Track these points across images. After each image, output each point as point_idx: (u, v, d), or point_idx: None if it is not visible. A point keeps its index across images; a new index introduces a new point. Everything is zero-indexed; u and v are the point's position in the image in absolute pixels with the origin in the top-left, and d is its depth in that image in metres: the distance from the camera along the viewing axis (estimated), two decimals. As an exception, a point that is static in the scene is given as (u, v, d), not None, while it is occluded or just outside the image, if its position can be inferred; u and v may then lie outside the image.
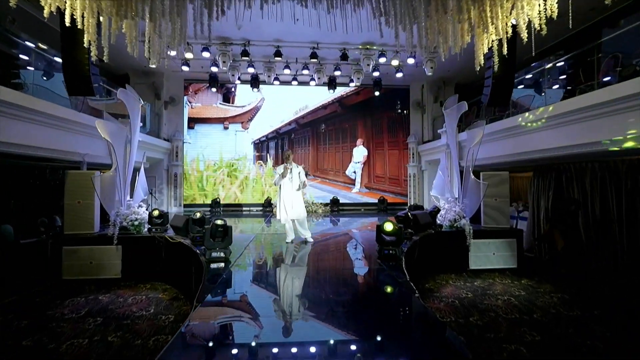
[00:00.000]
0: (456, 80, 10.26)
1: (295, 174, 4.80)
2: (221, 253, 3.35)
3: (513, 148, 5.90)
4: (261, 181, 10.50)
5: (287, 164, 4.81)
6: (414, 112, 10.85)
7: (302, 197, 4.96)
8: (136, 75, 9.32)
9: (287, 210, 4.76)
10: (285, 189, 4.80)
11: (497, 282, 4.83)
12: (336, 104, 10.84)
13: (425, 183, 10.47)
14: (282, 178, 4.76)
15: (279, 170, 4.84)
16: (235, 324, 2.24)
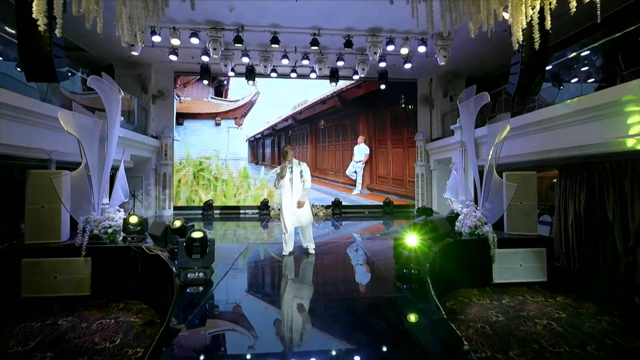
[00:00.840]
0: (467, 73, 9.68)
1: (296, 174, 4.17)
2: (200, 273, 2.73)
3: (542, 144, 5.30)
4: (249, 181, 9.88)
5: (286, 162, 4.20)
6: (421, 107, 10.25)
7: (307, 200, 4.34)
8: (121, 67, 8.71)
9: (289, 216, 4.14)
10: (286, 192, 4.18)
11: (529, 299, 4.23)
12: (335, 99, 10.22)
13: (434, 184, 9.88)
14: (280, 179, 4.15)
15: (276, 170, 4.32)
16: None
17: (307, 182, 4.17)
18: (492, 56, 8.20)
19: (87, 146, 4.48)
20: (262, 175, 9.86)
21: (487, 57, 8.25)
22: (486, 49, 7.77)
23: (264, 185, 9.78)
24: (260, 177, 9.93)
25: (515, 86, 4.51)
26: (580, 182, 5.66)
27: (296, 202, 4.10)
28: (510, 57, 4.91)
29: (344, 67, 8.48)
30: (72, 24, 4.42)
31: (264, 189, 9.76)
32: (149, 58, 8.31)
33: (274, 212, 9.37)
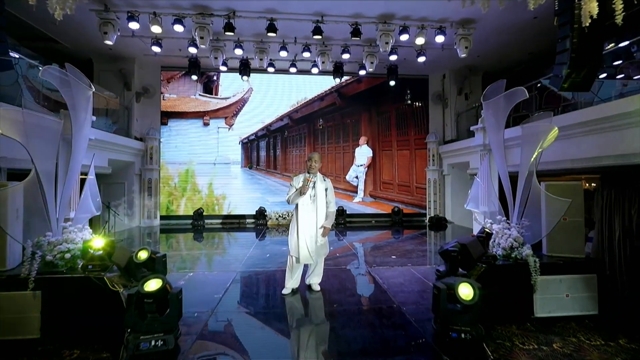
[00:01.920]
0: (484, 68, 8.94)
1: (320, 191, 3.30)
2: (159, 342, 1.96)
3: (592, 149, 4.53)
4: (244, 187, 9.12)
5: (310, 174, 3.31)
6: (433, 106, 9.52)
7: None
8: (101, 61, 7.97)
9: (305, 245, 3.20)
10: (305, 212, 3.27)
11: (585, 342, 3.47)
12: (335, 94, 9.47)
13: (447, 190, 9.14)
14: (300, 196, 3.25)
15: (295, 182, 3.33)
16: None
17: (332, 204, 3.32)
18: (514, 48, 7.49)
19: (41, 151, 3.72)
20: (257, 180, 9.12)
21: (508, 49, 7.54)
22: (509, 40, 7.05)
23: (259, 192, 9.03)
24: (254, 180, 9.18)
25: (563, 78, 3.77)
26: (630, 193, 4.92)
27: (320, 228, 3.23)
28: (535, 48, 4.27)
29: (350, 60, 7.75)
30: (40, 10, 3.70)
31: (258, 195, 9.01)
32: (130, 50, 7.57)
33: (271, 221, 8.62)
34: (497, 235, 4.43)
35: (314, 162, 3.24)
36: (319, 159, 3.27)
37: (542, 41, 7.07)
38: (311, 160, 3.27)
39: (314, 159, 3.25)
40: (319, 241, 3.20)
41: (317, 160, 3.24)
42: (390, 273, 3.91)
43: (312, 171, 3.25)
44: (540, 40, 6.98)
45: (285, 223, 8.64)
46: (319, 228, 3.21)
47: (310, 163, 3.28)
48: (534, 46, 7.33)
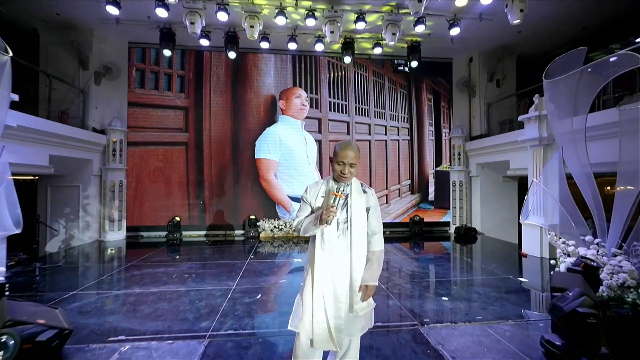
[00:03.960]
0: (521, 50, 7.65)
1: (357, 214, 1.67)
2: None
3: None
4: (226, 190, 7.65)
5: (340, 183, 1.67)
6: (458, 95, 8.20)
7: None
8: (50, 32, 6.44)
9: (331, 318, 1.58)
10: (328, 255, 1.64)
11: None
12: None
13: (475, 195, 7.81)
14: (322, 223, 1.58)
15: (310, 195, 1.72)
16: None
17: (378, 239, 1.72)
18: (567, 21, 6.20)
19: None
20: (250, 184, 7.65)
21: (559, 23, 6.24)
22: (562, 9, 5.75)
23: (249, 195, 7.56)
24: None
25: None
26: None
27: (356, 285, 1.64)
28: (593, 20, 2.93)
29: (365, 30, 6.38)
30: None
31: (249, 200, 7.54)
32: (84, 17, 6.07)
33: (264, 233, 7.18)
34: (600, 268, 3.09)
35: (348, 162, 1.60)
36: (357, 156, 1.63)
37: (605, 9, 5.79)
38: (343, 158, 1.60)
39: (349, 155, 1.59)
40: (357, 309, 1.61)
41: (353, 158, 1.60)
42: (459, 339, 2.34)
43: (344, 178, 1.63)
44: (604, 7, 5.70)
45: (282, 235, 7.21)
46: (354, 285, 1.62)
47: (341, 164, 1.61)
48: (593, 17, 6.05)
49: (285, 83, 7.66)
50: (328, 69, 7.85)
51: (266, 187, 7.51)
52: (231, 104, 7.50)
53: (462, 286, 3.72)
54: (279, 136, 7.56)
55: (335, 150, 1.65)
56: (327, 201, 1.59)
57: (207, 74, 7.42)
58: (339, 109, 7.91)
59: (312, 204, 1.69)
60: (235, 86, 7.51)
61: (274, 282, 3.97)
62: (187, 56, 7.40)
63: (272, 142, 7.55)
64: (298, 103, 7.64)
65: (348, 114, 7.94)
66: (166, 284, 3.86)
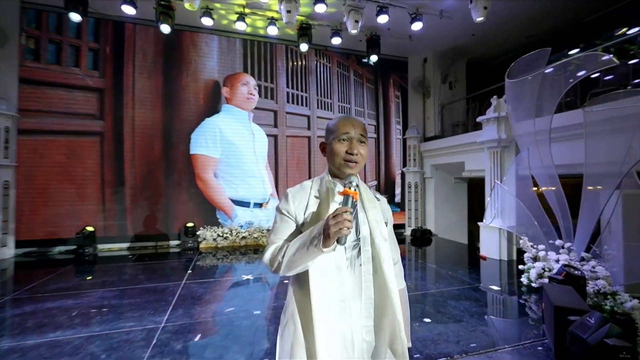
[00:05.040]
0: (472, 54, 7.92)
1: (378, 230, 1.04)
2: None
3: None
4: (179, 195, 6.49)
5: (347, 181, 0.97)
6: (413, 95, 8.18)
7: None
8: None
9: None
10: (342, 297, 0.99)
11: None
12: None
13: (429, 197, 7.85)
14: (328, 245, 0.89)
15: (294, 206, 1.06)
16: None
17: (399, 271, 1.17)
18: (519, 26, 6.47)
19: None
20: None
21: (511, 28, 6.49)
22: (517, 13, 5.96)
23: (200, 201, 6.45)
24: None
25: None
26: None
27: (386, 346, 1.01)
28: (540, 28, 2.97)
29: (325, 16, 5.86)
30: None
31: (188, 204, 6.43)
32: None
33: (205, 243, 6.17)
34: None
35: (357, 136, 1.04)
36: (366, 132, 1.08)
37: (552, 18, 6.16)
38: (347, 129, 1.04)
39: (356, 125, 1.05)
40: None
41: (362, 130, 1.06)
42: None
43: (353, 166, 1.04)
44: (556, 14, 6.05)
45: (227, 245, 6.28)
46: (380, 350, 1.00)
47: (346, 141, 1.04)
48: (540, 25, 6.41)
49: (232, 67, 6.71)
50: (286, 56, 7.12)
51: (203, 188, 6.44)
52: (162, 88, 6.29)
53: (438, 301, 3.38)
54: (219, 129, 6.54)
55: (330, 127, 1.08)
56: (324, 207, 1.02)
57: (130, 49, 6.09)
58: (299, 102, 7.23)
59: (298, 219, 1.04)
60: (168, 67, 6.32)
61: (219, 312, 3.15)
62: (102, 26, 5.99)
63: (212, 135, 6.49)
64: (244, 91, 6.75)
65: (309, 107, 7.31)
66: (60, 327, 2.77)
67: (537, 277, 3.46)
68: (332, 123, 1.09)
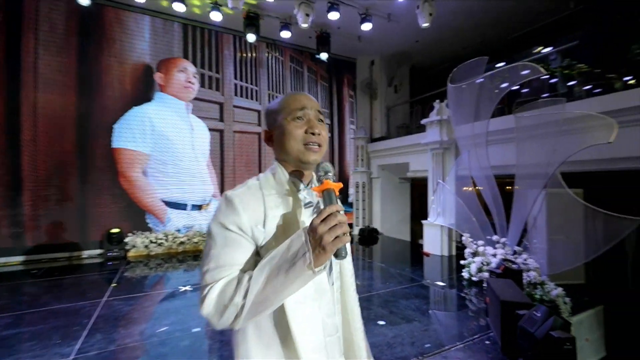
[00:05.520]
0: (415, 60, 8.37)
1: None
2: None
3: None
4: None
5: (326, 174, 0.76)
6: (361, 96, 8.35)
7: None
8: None
9: None
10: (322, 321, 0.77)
11: None
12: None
13: (376, 196, 8.10)
14: (319, 264, 0.67)
15: (246, 218, 0.74)
16: None
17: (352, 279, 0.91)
18: (459, 37, 7.00)
19: None
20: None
21: (452, 38, 6.99)
22: (458, 25, 6.43)
23: (113, 203, 5.57)
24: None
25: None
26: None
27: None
28: (475, 41, 3.37)
29: (274, 6, 5.58)
30: None
31: (113, 209, 5.56)
32: None
33: (135, 251, 5.42)
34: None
35: (315, 113, 0.83)
36: (323, 116, 0.86)
37: (485, 32, 6.78)
38: (301, 105, 0.82)
39: (310, 100, 0.84)
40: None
41: (317, 107, 0.85)
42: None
43: (316, 151, 0.82)
44: (486, 29, 6.67)
45: (163, 252, 5.60)
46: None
47: (301, 119, 0.81)
48: (475, 38, 7.02)
49: (168, 51, 6.00)
50: (234, 45, 6.62)
51: (128, 188, 5.61)
52: (77, 68, 5.32)
53: (390, 301, 3.40)
54: (150, 120, 5.76)
55: (276, 106, 0.84)
56: (289, 216, 0.78)
57: (31, 18, 5.01)
58: (249, 95, 6.78)
59: (256, 237, 0.74)
60: (85, 44, 5.37)
61: (150, 333, 2.69)
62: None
63: (140, 127, 5.68)
64: (182, 79, 6.10)
65: (260, 102, 6.90)
66: None
67: (477, 271, 3.71)
68: (277, 102, 0.86)
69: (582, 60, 4.42)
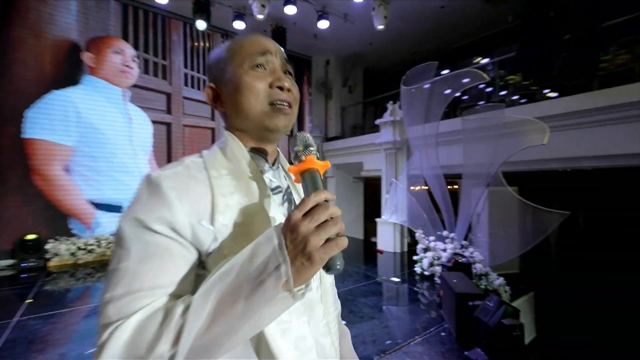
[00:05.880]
0: (369, 62, 8.63)
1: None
2: None
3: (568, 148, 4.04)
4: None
5: (307, 149, 0.54)
6: (316, 95, 8.35)
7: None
8: None
9: None
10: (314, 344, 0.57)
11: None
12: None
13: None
14: (298, 282, 0.44)
15: (181, 210, 0.49)
16: None
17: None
18: (409, 42, 7.35)
19: None
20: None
21: (404, 42, 7.32)
22: (408, 31, 6.75)
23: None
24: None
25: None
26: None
27: None
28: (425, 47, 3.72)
29: None
30: None
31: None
32: None
33: (59, 260, 4.67)
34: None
35: (280, 61, 0.63)
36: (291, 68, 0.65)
37: (435, 39, 7.22)
38: (261, 49, 0.60)
39: (277, 62, 0.62)
40: None
41: (281, 51, 0.64)
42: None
43: (286, 111, 0.61)
44: (434, 37, 7.10)
45: (93, 259, 4.91)
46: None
47: (260, 67, 0.59)
48: (423, 45, 7.45)
49: (103, 29, 5.27)
50: (184, 32, 6.06)
51: (44, 188, 4.78)
52: (-22, 41, 4.42)
53: (349, 300, 3.39)
54: (75, 107, 4.97)
55: (224, 53, 0.62)
56: (252, 208, 0.55)
57: None
58: (202, 86, 6.28)
59: (200, 239, 0.50)
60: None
61: (74, 356, 2.29)
62: None
63: (62, 114, 4.88)
64: (117, 62, 5.41)
65: None
66: None
67: (429, 266, 3.90)
68: (226, 46, 0.62)
69: (517, 72, 4.94)
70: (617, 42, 4.59)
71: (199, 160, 0.57)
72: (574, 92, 3.98)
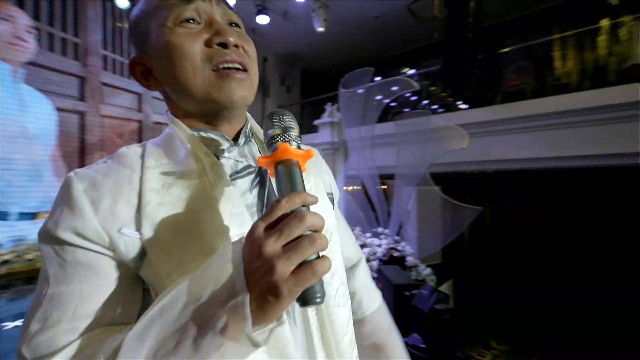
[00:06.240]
0: (306, 64, 8.75)
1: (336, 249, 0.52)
2: None
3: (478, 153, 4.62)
4: None
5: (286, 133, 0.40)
6: (253, 92, 8.12)
7: None
8: None
9: None
10: None
11: None
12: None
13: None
14: (258, 322, 0.32)
15: (101, 218, 0.39)
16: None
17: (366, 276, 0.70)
18: (345, 46, 7.66)
19: None
20: None
21: (340, 46, 7.61)
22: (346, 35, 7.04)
23: None
24: None
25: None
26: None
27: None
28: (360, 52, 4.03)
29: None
30: None
31: None
32: None
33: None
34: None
35: (231, 35, 0.46)
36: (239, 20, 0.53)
37: (370, 46, 7.65)
38: (208, 27, 0.46)
39: (216, 13, 0.47)
40: None
41: (234, 25, 0.50)
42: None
43: (237, 83, 0.45)
44: (369, 45, 7.53)
45: (6, 272, 3.89)
46: None
47: (193, 23, 0.46)
48: (358, 52, 7.85)
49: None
50: (103, 8, 5.16)
51: None
52: None
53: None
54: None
55: (144, 9, 0.48)
56: (207, 213, 0.42)
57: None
58: (125, 73, 5.39)
59: (120, 248, 0.39)
60: None
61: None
62: None
63: None
64: (6, 31, 4.38)
65: None
66: None
67: (366, 261, 4.11)
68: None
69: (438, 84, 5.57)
70: (511, 66, 5.53)
71: (137, 149, 0.46)
72: (482, 104, 4.65)
